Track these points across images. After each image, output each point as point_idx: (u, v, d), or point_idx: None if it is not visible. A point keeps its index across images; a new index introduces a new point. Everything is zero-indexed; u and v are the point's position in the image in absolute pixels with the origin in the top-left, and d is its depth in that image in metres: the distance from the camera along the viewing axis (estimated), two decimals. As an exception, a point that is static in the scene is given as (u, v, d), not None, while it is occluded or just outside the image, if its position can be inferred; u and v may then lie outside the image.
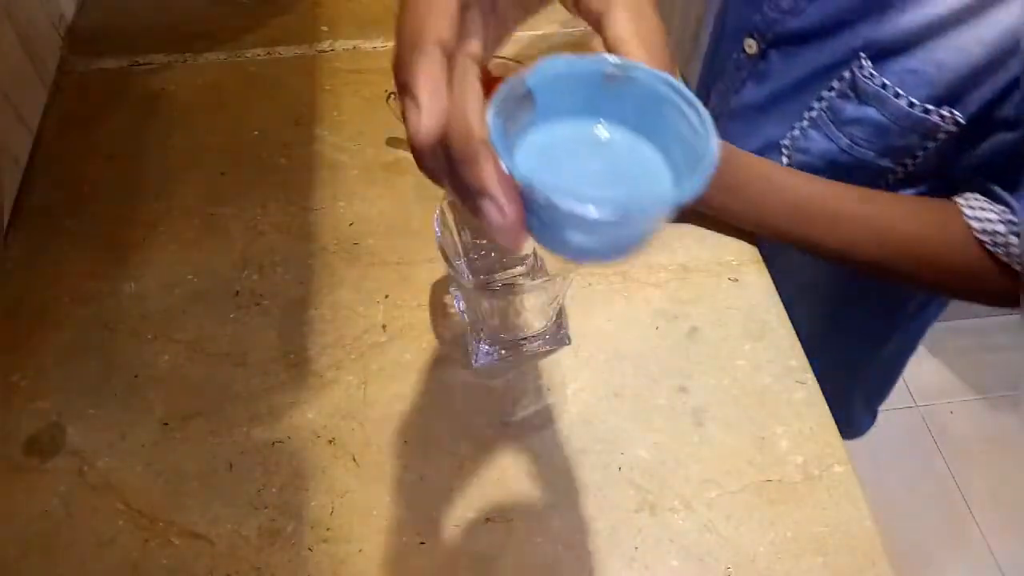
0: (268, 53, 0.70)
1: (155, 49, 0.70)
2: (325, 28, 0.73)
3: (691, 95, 0.25)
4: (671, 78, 0.26)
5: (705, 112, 0.25)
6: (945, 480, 1.39)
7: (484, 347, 0.50)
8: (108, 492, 0.45)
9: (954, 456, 1.41)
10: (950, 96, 0.49)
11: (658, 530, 0.45)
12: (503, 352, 0.51)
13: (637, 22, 0.27)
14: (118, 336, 0.52)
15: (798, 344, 0.53)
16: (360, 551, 0.44)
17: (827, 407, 0.50)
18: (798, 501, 0.46)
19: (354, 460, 0.47)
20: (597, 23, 0.28)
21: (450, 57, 0.25)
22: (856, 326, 0.77)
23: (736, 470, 0.47)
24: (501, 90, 0.25)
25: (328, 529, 0.45)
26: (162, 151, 0.63)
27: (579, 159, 0.27)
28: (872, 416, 0.96)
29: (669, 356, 0.52)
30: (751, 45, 0.60)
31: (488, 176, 0.24)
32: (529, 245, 0.49)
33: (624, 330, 0.53)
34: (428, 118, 0.24)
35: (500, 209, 0.24)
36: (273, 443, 0.47)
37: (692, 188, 0.23)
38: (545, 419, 0.49)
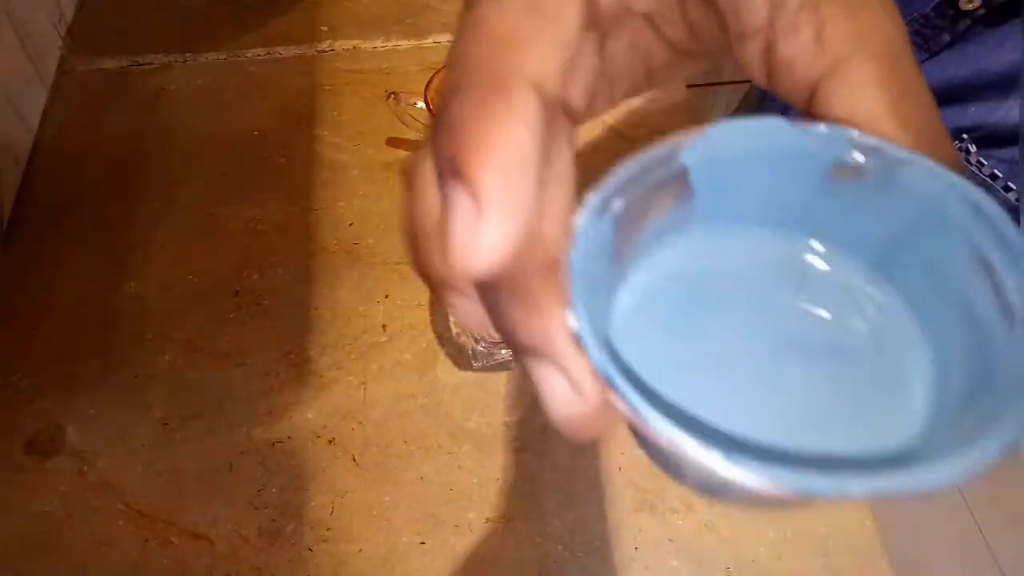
0: (268, 53, 0.70)
1: (155, 49, 0.70)
2: (325, 28, 0.73)
3: (1008, 222, 0.13)
4: (968, 185, 0.14)
5: None
6: (945, 480, 1.39)
7: (484, 347, 0.50)
8: (108, 492, 0.45)
9: (954, 456, 1.41)
10: None
11: (658, 530, 0.45)
12: (503, 352, 0.51)
13: (896, 87, 0.14)
14: (118, 336, 0.52)
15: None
16: (360, 551, 0.44)
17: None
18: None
19: (354, 460, 0.47)
20: (811, 90, 0.15)
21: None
22: None
23: (736, 470, 0.47)
24: (626, 168, 0.14)
25: (328, 529, 0.45)
26: (162, 151, 0.63)
27: (751, 317, 0.15)
28: None
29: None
30: None
31: (552, 328, 0.13)
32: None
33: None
34: (500, 225, 0.12)
35: (572, 385, 0.14)
36: (273, 443, 0.47)
37: (977, 463, 0.11)
38: (545, 419, 0.49)
